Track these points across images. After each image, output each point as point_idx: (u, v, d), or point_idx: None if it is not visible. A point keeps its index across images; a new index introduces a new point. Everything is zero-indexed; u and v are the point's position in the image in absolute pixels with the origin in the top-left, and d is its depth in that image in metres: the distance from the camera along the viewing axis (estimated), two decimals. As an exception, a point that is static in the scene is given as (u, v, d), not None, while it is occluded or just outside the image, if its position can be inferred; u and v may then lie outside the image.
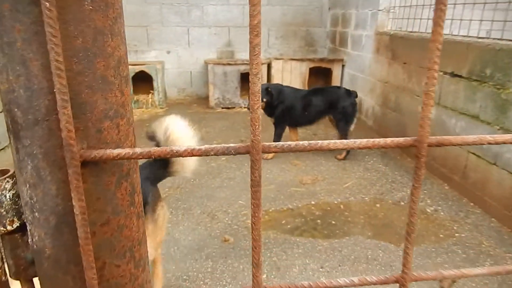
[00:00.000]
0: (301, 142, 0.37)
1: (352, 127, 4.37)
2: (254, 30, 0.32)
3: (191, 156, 0.34)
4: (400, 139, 0.38)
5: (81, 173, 0.37)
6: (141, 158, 0.38)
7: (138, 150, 0.37)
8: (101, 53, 0.42)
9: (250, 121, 0.33)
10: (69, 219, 0.44)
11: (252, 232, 0.39)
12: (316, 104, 4.32)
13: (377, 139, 0.38)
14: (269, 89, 4.33)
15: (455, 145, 0.38)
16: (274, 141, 4.34)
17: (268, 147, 0.35)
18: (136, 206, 0.50)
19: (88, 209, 0.41)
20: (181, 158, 1.57)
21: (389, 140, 0.38)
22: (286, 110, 4.32)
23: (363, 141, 0.38)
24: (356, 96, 4.41)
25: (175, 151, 0.34)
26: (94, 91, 0.42)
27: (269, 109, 4.36)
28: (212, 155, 0.34)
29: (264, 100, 4.23)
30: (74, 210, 0.38)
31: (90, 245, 0.39)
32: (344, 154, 4.36)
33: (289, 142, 0.37)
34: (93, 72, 0.42)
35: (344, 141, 0.38)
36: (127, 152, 0.37)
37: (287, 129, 4.50)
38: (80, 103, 0.42)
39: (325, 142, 0.37)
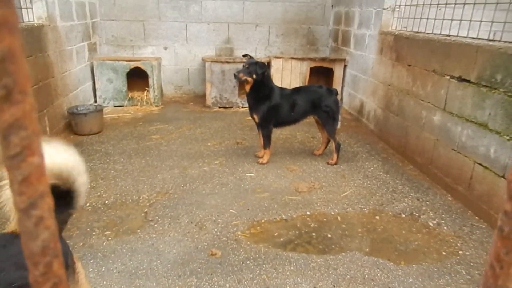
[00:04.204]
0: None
1: (338, 125, 4.15)
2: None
3: None
4: None
5: None
6: None
7: None
8: None
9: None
10: None
11: None
12: (301, 103, 4.07)
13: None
14: (258, 64, 3.91)
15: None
16: (265, 145, 4.12)
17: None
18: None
19: None
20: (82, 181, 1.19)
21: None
22: (272, 109, 4.02)
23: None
24: (337, 94, 4.19)
25: None
26: None
27: (254, 100, 4.01)
28: None
29: (253, 76, 3.89)
30: None
31: None
32: (335, 158, 4.15)
33: None
34: None
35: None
36: None
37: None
38: None
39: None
